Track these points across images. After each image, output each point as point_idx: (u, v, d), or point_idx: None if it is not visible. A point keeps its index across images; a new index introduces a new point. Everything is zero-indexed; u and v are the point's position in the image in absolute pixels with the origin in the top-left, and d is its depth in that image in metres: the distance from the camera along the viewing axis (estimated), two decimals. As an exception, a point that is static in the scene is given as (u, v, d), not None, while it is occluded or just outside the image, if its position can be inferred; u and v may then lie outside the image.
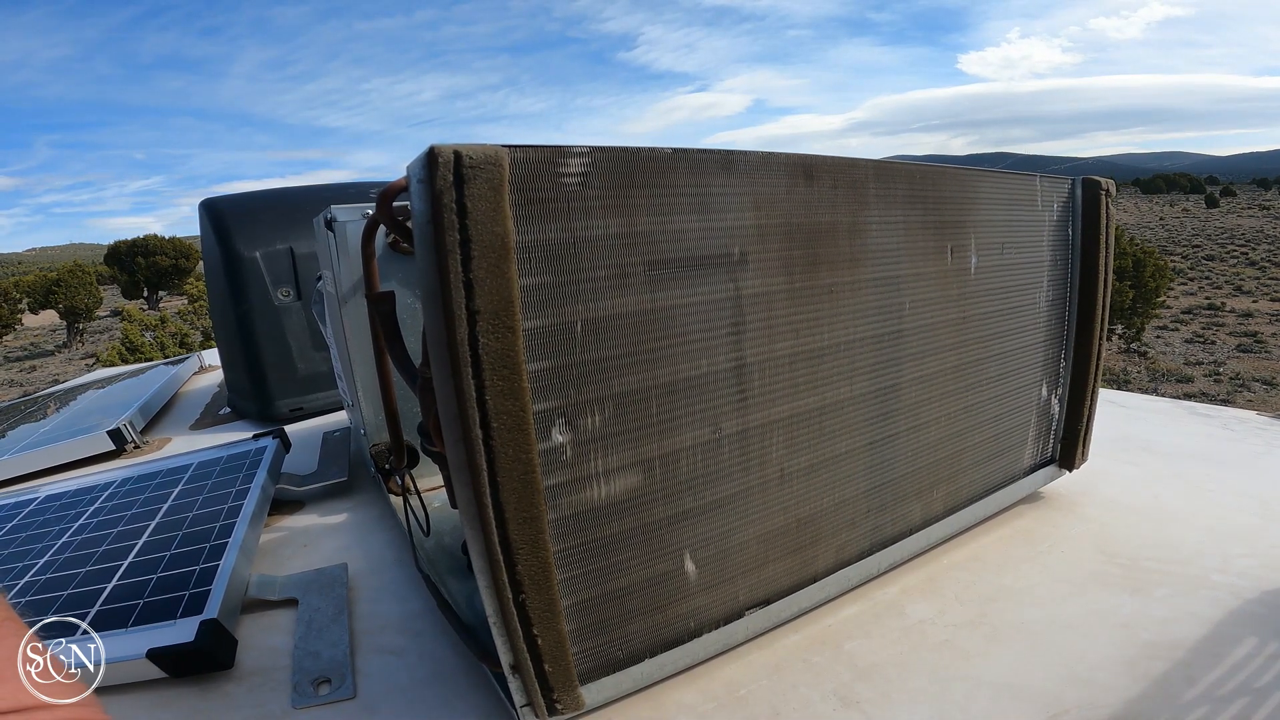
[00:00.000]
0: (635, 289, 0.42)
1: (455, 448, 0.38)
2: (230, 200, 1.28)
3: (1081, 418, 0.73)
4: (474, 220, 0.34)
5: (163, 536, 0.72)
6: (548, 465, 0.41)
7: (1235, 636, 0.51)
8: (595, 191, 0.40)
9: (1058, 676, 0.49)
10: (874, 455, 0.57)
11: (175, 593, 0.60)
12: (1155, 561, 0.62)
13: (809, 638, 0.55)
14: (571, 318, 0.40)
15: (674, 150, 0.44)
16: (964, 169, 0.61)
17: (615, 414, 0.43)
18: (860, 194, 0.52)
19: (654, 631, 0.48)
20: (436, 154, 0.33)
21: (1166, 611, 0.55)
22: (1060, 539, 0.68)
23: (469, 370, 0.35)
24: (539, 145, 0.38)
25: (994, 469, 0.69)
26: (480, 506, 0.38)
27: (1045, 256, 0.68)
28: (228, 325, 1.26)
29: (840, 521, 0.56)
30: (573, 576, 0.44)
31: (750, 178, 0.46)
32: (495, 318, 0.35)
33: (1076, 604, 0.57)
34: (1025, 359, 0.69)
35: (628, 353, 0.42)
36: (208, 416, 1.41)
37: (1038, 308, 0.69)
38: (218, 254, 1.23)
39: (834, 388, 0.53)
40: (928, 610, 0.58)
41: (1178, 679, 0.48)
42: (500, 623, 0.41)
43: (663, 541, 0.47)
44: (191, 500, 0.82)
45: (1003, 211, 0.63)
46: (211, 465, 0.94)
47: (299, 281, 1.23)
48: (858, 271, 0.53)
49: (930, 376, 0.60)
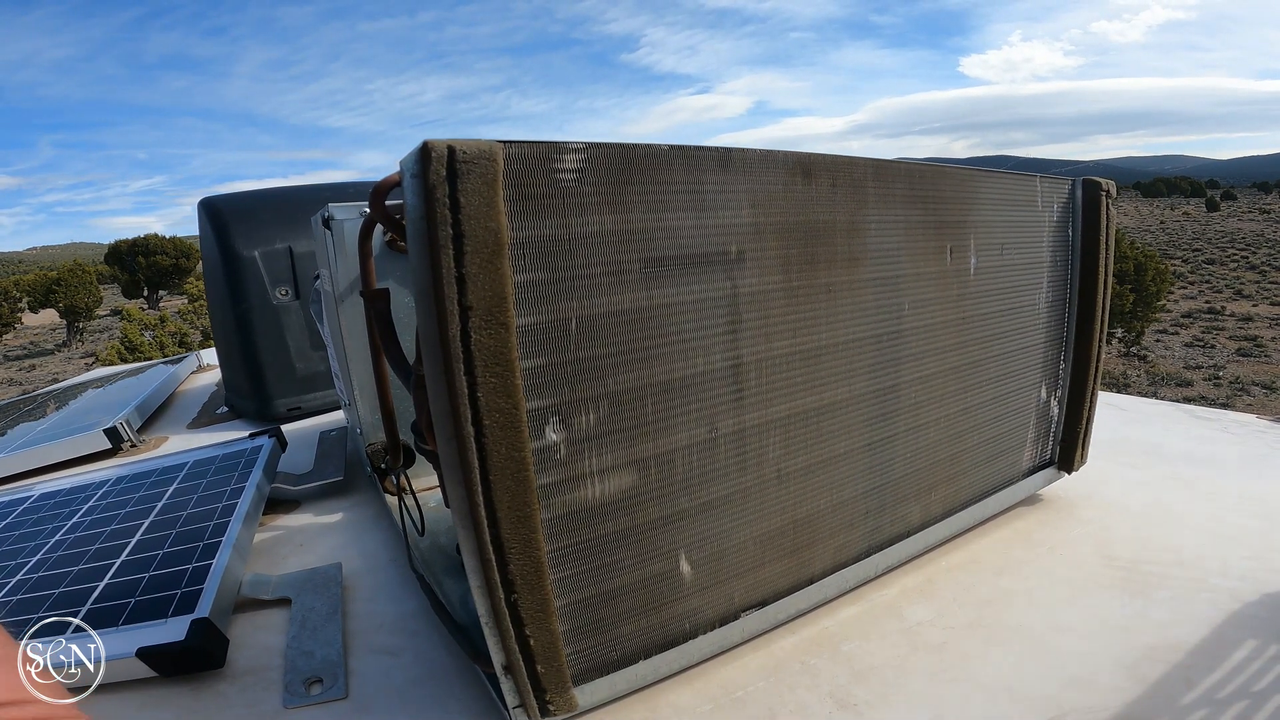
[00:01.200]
0: (630, 286, 0.41)
1: (447, 445, 0.38)
2: (229, 199, 1.28)
3: (1081, 420, 0.72)
4: (467, 215, 0.33)
5: (156, 535, 0.72)
6: (541, 464, 0.41)
7: (1235, 639, 0.51)
8: (590, 188, 0.39)
9: (1056, 679, 0.49)
10: (872, 456, 0.57)
11: (167, 591, 0.59)
12: (1155, 565, 0.62)
13: (806, 639, 0.55)
14: (566, 315, 0.39)
15: (670, 147, 0.43)
16: (964, 168, 0.61)
17: (610, 413, 0.42)
18: (859, 193, 0.52)
19: (649, 632, 0.48)
20: (430, 149, 0.33)
21: (1166, 614, 0.55)
22: (1059, 541, 0.67)
23: (461, 367, 0.35)
24: (534, 141, 0.38)
25: (993, 471, 0.68)
26: (472, 505, 0.38)
27: (1045, 257, 0.68)
28: (226, 324, 1.26)
29: (838, 523, 0.56)
30: (566, 576, 0.43)
31: (748, 175, 0.46)
32: (488, 314, 0.35)
33: (1075, 607, 0.57)
34: (1025, 360, 0.68)
35: (623, 351, 0.42)
36: (205, 415, 1.40)
37: (1037, 309, 0.68)
38: (216, 253, 1.23)
39: (832, 388, 0.52)
40: (926, 612, 0.57)
41: (1177, 681, 0.47)
42: (492, 623, 0.41)
43: (657, 542, 0.46)
44: (186, 499, 0.81)
45: (1003, 212, 0.63)
46: (207, 464, 0.93)
47: (297, 281, 1.23)
48: (856, 271, 0.52)
49: (929, 377, 0.59)
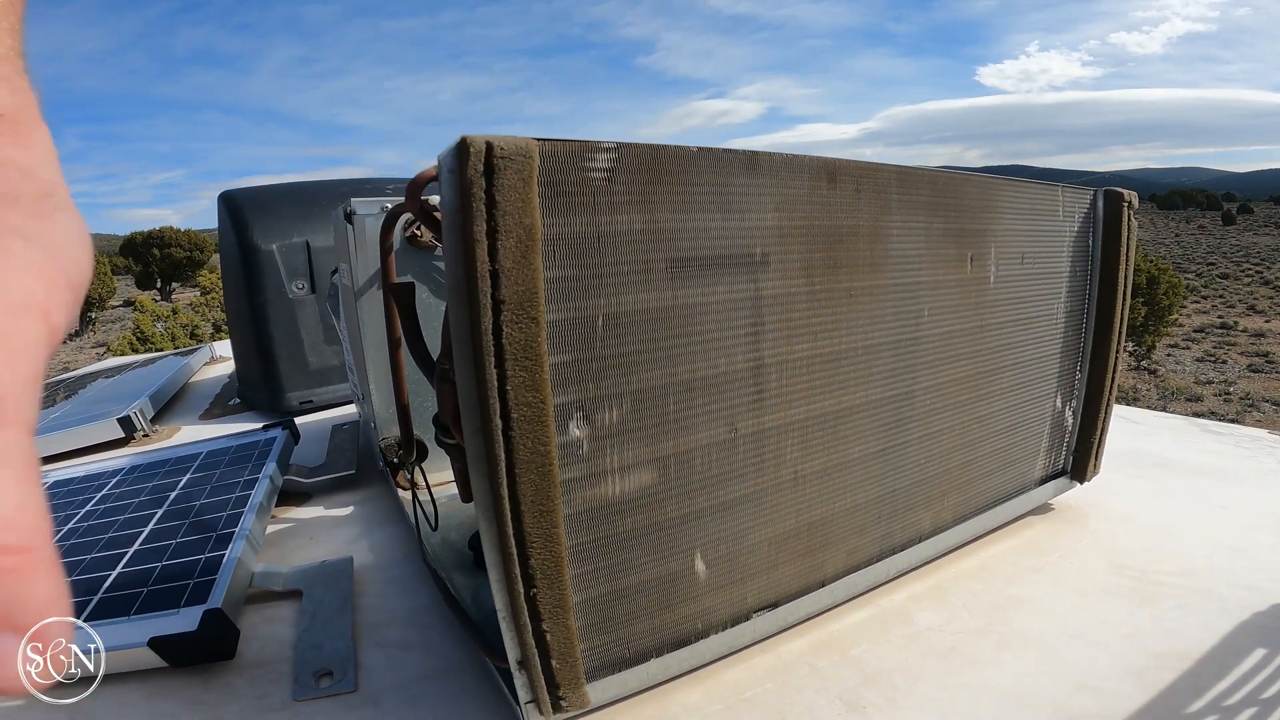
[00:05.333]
0: (657, 285, 0.42)
1: (474, 438, 0.38)
2: (248, 193, 1.29)
3: (1095, 430, 0.72)
4: (503, 211, 0.34)
5: (169, 525, 0.72)
6: (564, 459, 0.41)
7: (1243, 648, 0.51)
8: (620, 187, 0.40)
9: (1065, 685, 0.49)
10: (886, 461, 0.57)
11: (179, 581, 0.60)
12: (1164, 574, 0.62)
13: (815, 642, 0.55)
14: (594, 311, 0.40)
15: (699, 149, 0.44)
16: (987, 177, 0.61)
17: (633, 410, 0.43)
18: (883, 199, 0.52)
19: (661, 631, 0.48)
20: (468, 144, 0.34)
21: (1175, 623, 0.55)
22: (1070, 550, 0.67)
23: (492, 360, 0.35)
24: (567, 139, 0.39)
25: (1005, 479, 0.69)
26: (496, 499, 0.38)
27: (1064, 268, 0.68)
28: (241, 316, 1.27)
29: (851, 527, 0.56)
30: (584, 573, 0.44)
31: (773, 178, 0.46)
32: (520, 308, 0.35)
33: (1085, 614, 0.57)
34: (1041, 370, 0.69)
35: (647, 349, 0.42)
36: (218, 406, 1.41)
37: (1055, 319, 0.68)
38: (235, 245, 1.24)
39: (850, 392, 0.53)
40: (935, 618, 0.58)
41: (1185, 689, 0.47)
42: (510, 617, 0.41)
43: (674, 540, 0.47)
44: (199, 489, 0.82)
45: (1024, 221, 0.63)
46: (220, 454, 0.94)
47: (314, 275, 1.24)
48: (878, 277, 0.53)
49: (945, 384, 0.60)
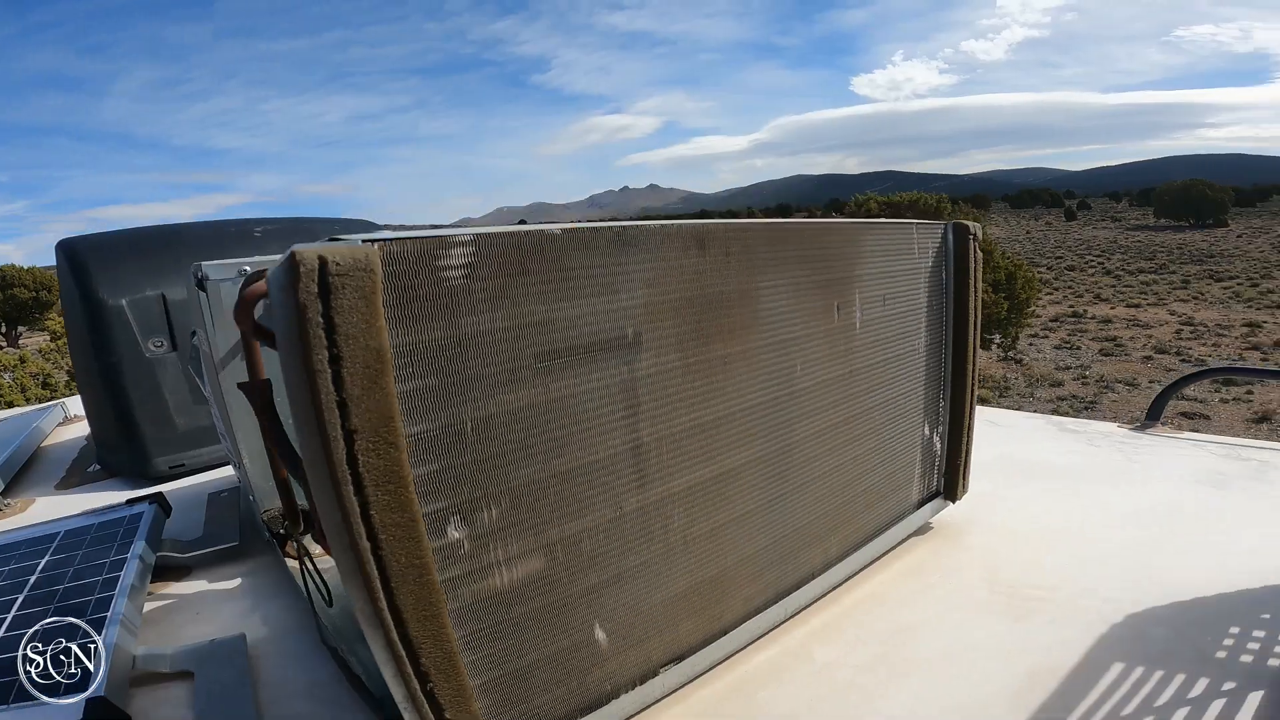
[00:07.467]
0: (526, 383, 0.41)
1: (344, 555, 0.36)
2: (91, 241, 1.17)
3: (961, 451, 0.77)
4: (344, 335, 0.32)
5: (33, 610, 0.65)
6: (445, 560, 0.40)
7: (1104, 662, 0.56)
8: (481, 284, 0.38)
9: (952, 710, 0.52)
10: (773, 512, 0.59)
11: (54, 669, 0.55)
12: (1033, 588, 0.67)
13: (723, 689, 0.56)
14: (460, 419, 0.38)
15: (564, 230, 0.43)
16: (848, 222, 0.63)
17: (512, 505, 0.42)
18: (751, 259, 0.53)
19: (570, 699, 0.48)
20: (298, 261, 0.31)
21: (1045, 639, 0.59)
22: (949, 570, 0.72)
23: (350, 490, 0.33)
24: (416, 236, 0.37)
25: (885, 508, 0.72)
26: (376, 610, 0.37)
27: (923, 302, 0.72)
28: (92, 376, 1.15)
29: (744, 576, 0.57)
30: (480, 658, 0.43)
31: (644, 251, 0.46)
32: (375, 435, 0.33)
33: (966, 635, 0.61)
34: (908, 403, 0.73)
35: (521, 445, 0.41)
36: (75, 475, 1.28)
37: (918, 353, 0.72)
38: (78, 300, 1.12)
39: (730, 454, 0.54)
40: (833, 652, 0.60)
41: (1057, 708, 0.51)
42: (411, 708, 0.40)
43: (570, 617, 0.46)
44: (62, 571, 0.74)
45: (883, 262, 0.66)
46: (81, 533, 0.85)
47: (174, 331, 1.13)
48: (750, 339, 0.54)
49: (822, 431, 0.62)
